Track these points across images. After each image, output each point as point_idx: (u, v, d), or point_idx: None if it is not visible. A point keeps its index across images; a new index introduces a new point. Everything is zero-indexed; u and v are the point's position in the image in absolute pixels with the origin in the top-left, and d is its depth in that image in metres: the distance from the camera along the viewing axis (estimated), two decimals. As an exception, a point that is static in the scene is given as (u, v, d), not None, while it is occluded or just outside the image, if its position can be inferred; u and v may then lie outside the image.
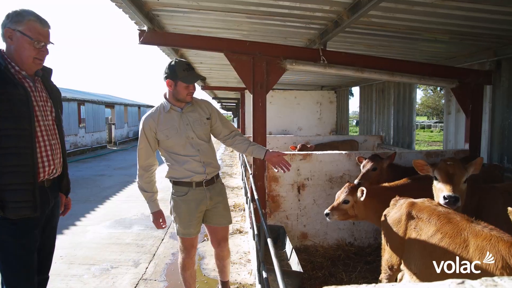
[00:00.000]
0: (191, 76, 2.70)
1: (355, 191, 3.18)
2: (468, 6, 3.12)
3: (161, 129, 2.74)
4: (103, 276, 4.18)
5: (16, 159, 2.07)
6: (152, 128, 2.75)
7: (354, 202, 3.19)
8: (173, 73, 2.66)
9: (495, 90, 4.72)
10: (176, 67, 2.67)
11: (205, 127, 2.85)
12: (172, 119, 2.76)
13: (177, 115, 2.78)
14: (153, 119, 2.76)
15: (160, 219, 2.90)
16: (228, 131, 3.00)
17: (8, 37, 2.10)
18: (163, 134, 2.74)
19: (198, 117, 2.82)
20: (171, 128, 2.73)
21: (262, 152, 2.88)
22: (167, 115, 2.76)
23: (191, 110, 2.82)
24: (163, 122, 2.75)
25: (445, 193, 2.41)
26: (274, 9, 3.58)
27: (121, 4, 3.54)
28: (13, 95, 2.07)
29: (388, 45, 4.89)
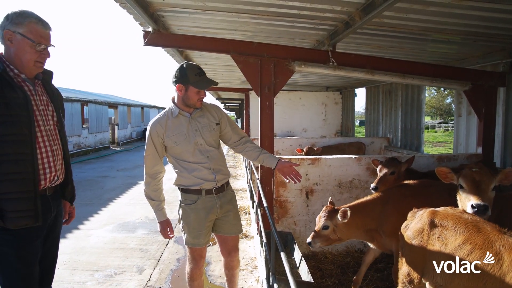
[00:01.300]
0: (203, 82, 2.58)
1: (334, 214, 3.07)
2: (485, 6, 3.00)
3: (169, 135, 2.63)
4: (107, 283, 4.09)
5: (15, 166, 1.98)
6: (159, 134, 2.64)
7: (334, 226, 3.08)
8: (184, 78, 2.54)
9: (509, 92, 4.60)
10: (187, 71, 2.54)
11: (215, 132, 2.74)
12: (180, 124, 2.65)
13: (185, 120, 2.66)
14: (161, 125, 2.64)
15: (168, 228, 2.79)
16: (238, 137, 2.89)
17: (7, 39, 2.00)
18: (171, 141, 2.63)
19: (207, 123, 2.71)
20: (180, 134, 2.62)
21: (274, 162, 2.78)
22: (175, 121, 2.65)
23: (200, 115, 2.71)
24: (171, 127, 2.63)
25: (473, 202, 2.28)
26: (283, 9, 3.48)
27: (126, 5, 3.44)
28: (12, 99, 1.97)
29: (398, 46, 4.77)
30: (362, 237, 3.29)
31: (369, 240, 3.30)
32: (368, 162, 4.25)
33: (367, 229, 3.19)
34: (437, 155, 4.78)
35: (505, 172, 2.42)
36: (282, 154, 7.81)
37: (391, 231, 3.07)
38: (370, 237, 3.24)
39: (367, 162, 4.26)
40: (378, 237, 3.20)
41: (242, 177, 9.68)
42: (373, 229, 3.19)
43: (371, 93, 9.37)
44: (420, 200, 3.00)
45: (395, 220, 3.01)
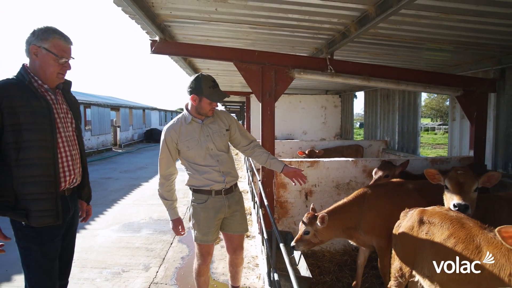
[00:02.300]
0: (217, 94, 2.77)
1: (314, 220, 3.28)
2: (472, 19, 3.20)
3: (182, 140, 2.82)
4: (115, 280, 4.28)
5: (39, 170, 2.16)
6: (173, 139, 2.83)
7: (314, 231, 3.30)
8: (199, 89, 2.72)
9: (499, 98, 4.80)
10: (202, 83, 2.72)
11: (224, 138, 2.94)
12: (193, 130, 2.84)
13: (198, 126, 2.86)
14: (175, 131, 2.84)
15: (180, 226, 2.98)
16: (247, 142, 3.08)
17: (33, 53, 2.19)
18: (184, 146, 2.82)
19: (218, 129, 2.90)
20: (192, 139, 2.82)
21: (280, 166, 3.00)
22: (189, 127, 2.84)
23: (211, 121, 2.90)
24: (184, 133, 2.83)
25: (455, 201, 2.49)
26: (283, 21, 3.68)
27: (135, 16, 3.65)
28: (36, 108, 2.15)
29: (393, 53, 4.98)
30: (342, 236, 3.53)
31: (349, 237, 3.53)
32: (364, 165, 4.45)
33: (345, 228, 3.43)
34: (431, 157, 4.97)
35: (487, 175, 2.63)
36: (283, 156, 8.01)
37: (369, 229, 3.33)
38: (349, 235, 3.48)
39: (363, 165, 4.46)
40: (357, 234, 3.43)
41: (243, 179, 9.86)
42: (351, 227, 3.42)
43: (369, 97, 9.58)
44: (392, 199, 3.35)
45: (371, 218, 3.31)
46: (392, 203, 3.30)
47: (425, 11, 3.02)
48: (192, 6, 3.35)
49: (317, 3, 3.05)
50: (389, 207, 3.29)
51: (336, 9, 3.18)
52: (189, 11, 3.53)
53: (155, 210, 7.57)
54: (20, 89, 2.14)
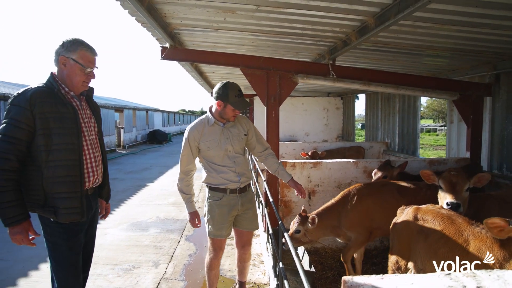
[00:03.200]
0: (241, 103, 2.98)
1: (305, 220, 3.53)
2: (467, 29, 3.40)
3: (204, 141, 3.04)
4: (127, 276, 4.49)
5: (67, 171, 2.35)
6: (195, 139, 3.05)
7: (305, 230, 3.54)
8: (225, 96, 2.93)
9: (494, 101, 4.99)
10: (229, 91, 2.93)
11: (242, 142, 3.16)
12: (214, 132, 3.05)
13: (219, 129, 3.07)
14: (198, 131, 3.06)
15: (196, 219, 3.19)
16: (262, 148, 3.31)
17: (62, 63, 2.39)
18: (205, 145, 3.04)
19: (237, 133, 3.11)
20: (213, 140, 3.03)
21: (287, 178, 3.31)
22: (211, 128, 3.06)
23: (232, 125, 3.12)
24: (206, 134, 3.04)
25: (448, 200, 2.70)
26: (288, 29, 3.89)
27: (147, 25, 3.87)
28: (64, 113, 2.35)
29: (393, 59, 5.18)
30: (330, 235, 3.81)
31: (336, 236, 3.79)
32: (365, 166, 4.65)
33: (332, 227, 3.68)
34: (429, 159, 5.16)
35: (478, 176, 2.84)
36: (286, 158, 8.20)
37: (349, 225, 3.60)
38: (336, 233, 3.73)
39: (364, 166, 4.66)
40: (342, 232, 3.69)
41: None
42: (337, 226, 3.67)
43: (370, 99, 9.77)
44: (374, 199, 3.62)
45: (353, 216, 3.59)
46: (373, 203, 3.59)
47: (421, 22, 3.22)
48: (202, 16, 3.56)
49: (320, 14, 3.25)
50: (370, 206, 3.58)
51: (338, 19, 3.39)
52: (199, 21, 3.74)
53: (162, 210, 7.77)
54: (49, 96, 2.32)
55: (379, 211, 3.56)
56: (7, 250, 5.23)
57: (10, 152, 2.20)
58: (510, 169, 4.82)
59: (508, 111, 4.80)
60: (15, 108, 2.23)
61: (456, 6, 2.79)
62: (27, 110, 2.23)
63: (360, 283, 1.17)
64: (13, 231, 2.26)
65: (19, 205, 2.24)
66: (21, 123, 2.22)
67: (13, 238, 2.29)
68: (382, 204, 3.58)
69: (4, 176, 2.18)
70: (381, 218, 3.52)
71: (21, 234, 2.27)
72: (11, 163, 2.20)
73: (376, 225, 3.59)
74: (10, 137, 2.20)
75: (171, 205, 8.20)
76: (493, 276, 1.21)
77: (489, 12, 2.91)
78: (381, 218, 3.52)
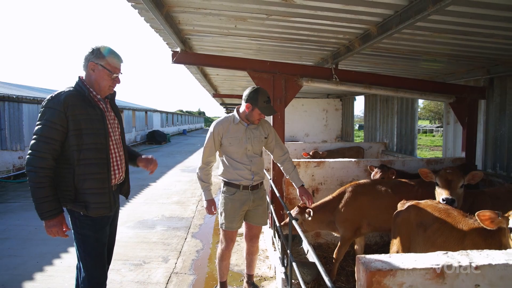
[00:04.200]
0: (268, 109, 3.23)
1: (304, 211, 3.77)
2: (462, 37, 3.64)
3: (227, 137, 3.28)
4: (138, 270, 4.69)
5: (96, 168, 2.55)
6: (220, 134, 3.30)
7: (302, 220, 3.77)
8: (255, 101, 3.17)
9: (488, 104, 5.25)
10: (259, 97, 3.17)
11: (261, 143, 3.40)
12: (238, 131, 3.30)
13: (243, 128, 3.31)
14: (223, 127, 3.31)
15: (212, 206, 3.42)
16: (281, 152, 3.55)
17: (91, 69, 2.59)
18: (227, 141, 3.28)
19: (258, 135, 3.35)
20: (235, 138, 3.27)
21: (299, 184, 3.56)
22: (235, 127, 3.30)
23: (254, 127, 3.36)
24: (230, 131, 3.29)
25: (443, 196, 2.95)
26: (294, 36, 4.12)
27: (160, 31, 4.09)
28: (93, 115, 2.55)
29: (392, 63, 5.42)
30: (326, 228, 4.05)
31: (332, 230, 4.02)
32: (365, 165, 4.88)
33: (328, 222, 3.91)
34: (426, 158, 5.40)
35: (472, 174, 3.09)
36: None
37: (341, 220, 3.82)
38: (332, 228, 3.97)
39: (365, 165, 4.89)
40: (336, 227, 3.92)
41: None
42: (332, 220, 3.91)
43: (369, 101, 10.02)
44: (368, 196, 3.86)
45: (346, 211, 3.81)
46: (367, 200, 3.82)
47: (420, 30, 3.46)
48: (214, 23, 3.78)
49: (326, 23, 3.48)
50: (364, 203, 3.81)
51: (342, 27, 3.62)
52: (210, 27, 3.96)
53: (166, 208, 7.97)
54: (80, 99, 2.51)
55: (371, 208, 3.80)
56: (22, 247, 5.42)
57: (47, 151, 2.39)
58: (503, 168, 5.07)
59: (501, 113, 5.05)
60: (50, 111, 2.42)
61: (453, 18, 3.03)
62: (61, 113, 2.41)
63: (372, 259, 1.39)
64: (49, 224, 2.45)
65: (54, 200, 2.44)
66: (56, 124, 2.40)
67: (48, 231, 2.48)
68: (375, 201, 3.81)
69: (42, 173, 2.38)
70: (373, 215, 3.78)
71: (56, 227, 2.47)
72: (48, 162, 2.40)
73: (367, 221, 3.82)
74: (46, 138, 2.39)
75: (175, 204, 8.39)
76: (483, 255, 1.44)
77: (482, 23, 3.15)
78: (373, 215, 3.78)
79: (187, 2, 3.09)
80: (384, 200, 3.70)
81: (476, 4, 2.72)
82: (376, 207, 3.76)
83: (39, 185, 2.38)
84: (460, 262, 1.38)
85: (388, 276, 1.32)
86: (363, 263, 1.38)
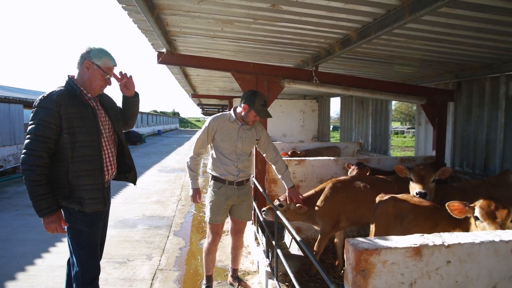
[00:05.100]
0: (264, 112, 3.43)
1: (291, 201, 3.97)
2: (433, 44, 3.94)
3: (220, 132, 3.45)
4: (123, 268, 4.73)
5: (90, 165, 2.62)
6: (214, 128, 3.46)
7: (287, 207, 3.97)
8: (252, 103, 3.36)
9: (456, 106, 5.62)
10: (256, 99, 3.36)
11: (252, 144, 3.58)
12: (232, 128, 3.47)
13: (236, 127, 3.49)
14: (218, 122, 3.47)
15: (197, 195, 3.59)
16: (274, 154, 3.74)
17: (86, 67, 2.65)
18: (220, 137, 3.44)
19: (250, 136, 3.52)
20: (228, 135, 3.44)
21: (290, 185, 3.79)
22: (230, 124, 3.47)
23: (248, 128, 3.54)
24: (224, 128, 3.46)
25: (417, 190, 3.22)
26: (278, 39, 4.29)
27: (148, 32, 4.17)
28: (85, 113, 2.61)
29: (368, 66, 5.71)
30: (306, 221, 4.23)
31: (312, 223, 4.22)
32: (343, 163, 5.13)
33: (309, 215, 4.10)
34: (400, 157, 5.72)
35: (442, 169, 3.38)
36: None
37: (321, 214, 4.03)
38: (312, 221, 4.18)
39: (343, 163, 5.14)
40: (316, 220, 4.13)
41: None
42: (313, 214, 4.10)
43: (345, 102, 10.37)
44: (347, 192, 4.08)
45: (325, 206, 4.02)
46: (345, 196, 4.04)
47: (396, 37, 3.73)
48: (201, 26, 3.90)
49: (309, 28, 3.68)
50: (342, 199, 4.02)
51: (324, 32, 3.83)
52: (197, 29, 4.07)
53: (147, 208, 7.97)
54: (71, 97, 2.57)
55: (350, 203, 4.01)
56: (2, 247, 5.33)
57: (42, 150, 2.45)
58: (469, 166, 5.44)
59: (468, 115, 5.43)
60: (43, 110, 2.47)
61: (426, 26, 3.30)
62: (54, 111, 2.47)
63: (360, 241, 1.58)
64: (47, 221, 2.51)
65: (51, 197, 2.50)
66: (50, 123, 2.46)
67: (47, 228, 2.54)
68: (353, 197, 4.04)
69: (38, 172, 2.43)
70: (351, 210, 4.00)
71: (55, 223, 2.53)
72: (43, 160, 2.45)
73: (346, 216, 4.03)
74: (41, 136, 2.44)
75: (155, 204, 8.40)
76: (453, 236, 1.66)
77: (451, 31, 3.44)
78: (351, 210, 4.00)
79: (178, 6, 3.20)
80: (362, 195, 3.94)
81: (447, 15, 2.99)
82: (354, 202, 3.98)
83: (36, 183, 2.44)
84: (434, 242, 1.58)
85: (374, 255, 1.50)
86: (352, 244, 1.56)
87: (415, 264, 1.54)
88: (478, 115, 5.26)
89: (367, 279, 1.51)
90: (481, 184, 3.91)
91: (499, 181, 3.98)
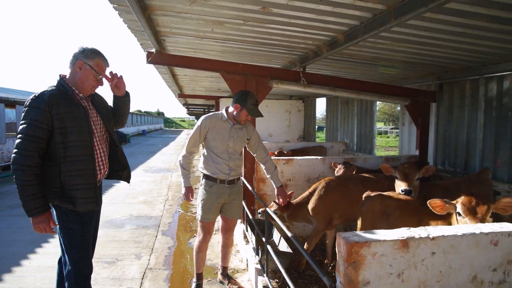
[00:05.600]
0: (255, 111, 3.50)
1: (285, 209, 4.13)
2: (416, 47, 4.09)
3: (212, 131, 3.50)
4: (112, 267, 4.72)
5: (82, 164, 2.63)
6: (206, 128, 3.52)
7: (281, 215, 4.10)
8: (244, 102, 3.43)
9: (438, 107, 5.81)
10: (248, 99, 3.44)
11: (242, 144, 3.64)
12: (223, 128, 3.52)
13: (228, 127, 3.55)
14: (211, 122, 3.52)
15: (190, 193, 3.64)
16: (264, 154, 3.82)
17: (78, 67, 2.65)
18: (212, 136, 3.50)
19: (241, 135, 3.58)
20: (220, 134, 3.50)
21: (278, 184, 3.85)
22: (222, 124, 3.53)
23: (239, 128, 3.60)
24: (216, 127, 3.51)
25: (402, 188, 3.34)
26: (267, 40, 4.37)
27: (137, 32, 4.19)
28: (76, 113, 2.62)
29: (354, 68, 5.85)
30: (302, 221, 4.36)
31: (307, 222, 4.34)
32: (330, 162, 5.25)
33: (304, 215, 4.23)
34: (385, 156, 5.88)
35: (425, 168, 3.52)
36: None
37: (314, 212, 4.15)
38: (307, 220, 4.29)
39: (329, 162, 5.25)
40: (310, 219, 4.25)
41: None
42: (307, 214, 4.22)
43: (331, 103, 10.53)
44: (340, 190, 4.19)
45: (318, 204, 4.14)
46: (338, 195, 4.15)
47: (381, 39, 3.85)
48: (192, 27, 3.94)
49: (298, 30, 3.77)
50: (335, 197, 4.13)
51: (312, 34, 3.92)
52: (187, 30, 4.11)
53: (134, 208, 7.93)
54: (63, 97, 2.58)
55: (343, 201, 4.12)
56: (-14, 248, 5.26)
57: (34, 149, 2.45)
58: (451, 164, 5.64)
59: (449, 115, 5.62)
60: (35, 110, 2.47)
61: (410, 30, 3.44)
62: (46, 111, 2.47)
63: (351, 234, 1.67)
64: (36, 221, 2.51)
65: (42, 197, 2.50)
66: (41, 123, 2.46)
67: (36, 227, 2.54)
68: (346, 195, 4.15)
69: (29, 172, 2.44)
70: (344, 207, 4.11)
71: (44, 223, 2.54)
72: (35, 160, 2.46)
73: (339, 214, 4.14)
74: (32, 136, 2.44)
75: (141, 204, 8.37)
76: (437, 229, 1.77)
77: (434, 35, 3.59)
78: (344, 208, 4.11)
79: (170, 7, 3.24)
80: (355, 193, 4.04)
81: (431, 20, 3.13)
82: (347, 200, 4.09)
83: (26, 183, 2.44)
84: (420, 235, 1.68)
85: (364, 247, 1.59)
86: (343, 237, 1.65)
87: (402, 255, 1.64)
88: (459, 115, 5.46)
89: (358, 271, 1.59)
90: (462, 182, 4.08)
91: (479, 178, 4.17)
